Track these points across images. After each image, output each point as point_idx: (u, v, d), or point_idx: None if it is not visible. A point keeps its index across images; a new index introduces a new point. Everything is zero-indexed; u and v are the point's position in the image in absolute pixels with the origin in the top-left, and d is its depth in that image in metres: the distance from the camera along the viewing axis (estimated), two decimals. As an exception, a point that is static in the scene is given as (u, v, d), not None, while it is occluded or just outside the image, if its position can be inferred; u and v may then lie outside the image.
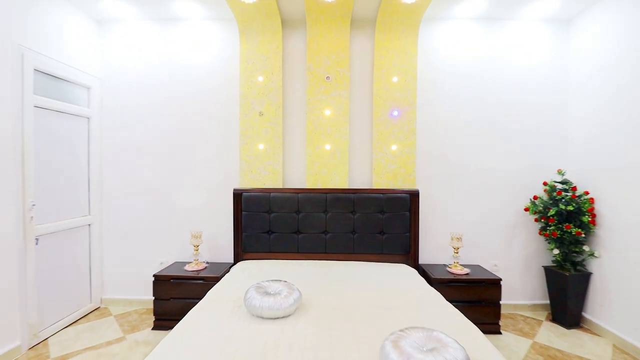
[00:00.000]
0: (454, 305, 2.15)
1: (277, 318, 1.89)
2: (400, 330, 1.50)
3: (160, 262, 3.27)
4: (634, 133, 2.52)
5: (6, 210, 2.33)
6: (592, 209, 2.87)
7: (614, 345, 2.62)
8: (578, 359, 2.43)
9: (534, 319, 3.10)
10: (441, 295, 2.28)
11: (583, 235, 2.83)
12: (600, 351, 2.54)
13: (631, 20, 2.56)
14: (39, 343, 2.58)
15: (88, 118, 3.15)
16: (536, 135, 3.21)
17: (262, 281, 2.15)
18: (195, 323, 1.83)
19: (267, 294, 1.98)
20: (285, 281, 2.15)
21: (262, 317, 1.89)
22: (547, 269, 3.09)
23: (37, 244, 2.58)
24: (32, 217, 2.51)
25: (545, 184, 3.08)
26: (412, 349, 1.35)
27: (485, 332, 2.70)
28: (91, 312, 3.18)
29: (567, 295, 2.91)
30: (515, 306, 3.24)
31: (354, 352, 1.53)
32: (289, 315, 1.92)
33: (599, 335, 2.78)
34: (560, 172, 3.05)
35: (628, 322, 2.57)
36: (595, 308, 2.88)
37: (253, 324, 1.82)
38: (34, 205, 2.52)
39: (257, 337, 1.67)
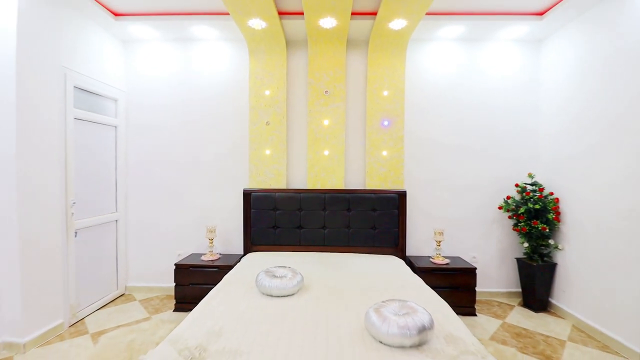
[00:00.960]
0: (435, 290, 2.53)
1: (284, 296, 2.26)
2: (382, 302, 1.88)
3: (178, 254, 3.66)
4: (592, 143, 2.89)
5: (53, 207, 2.72)
6: (557, 207, 3.25)
7: (573, 326, 3.00)
8: (539, 335, 2.81)
9: (507, 304, 3.48)
10: (422, 280, 2.66)
11: (548, 230, 3.21)
12: (560, 330, 2.92)
13: (591, 43, 2.93)
14: (77, 322, 2.97)
15: (115, 127, 3.54)
16: (511, 142, 3.59)
17: (270, 267, 2.53)
18: (216, 299, 2.21)
19: (274, 277, 2.36)
20: (290, 267, 2.53)
21: (271, 296, 2.27)
22: (519, 260, 3.47)
23: (75, 236, 2.97)
24: (72, 213, 2.90)
25: (517, 185, 3.46)
26: (389, 314, 1.73)
27: (462, 314, 3.13)
28: (117, 297, 3.56)
29: (535, 283, 3.29)
30: (492, 293, 3.62)
31: (344, 319, 1.91)
32: (293, 294, 2.30)
33: (562, 318, 3.16)
34: (530, 176, 3.43)
35: (585, 306, 2.94)
36: (560, 294, 3.26)
37: (264, 300, 2.20)
38: (74, 203, 2.92)
39: (267, 309, 2.05)
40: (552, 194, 3.28)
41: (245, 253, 3.47)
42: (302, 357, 1.53)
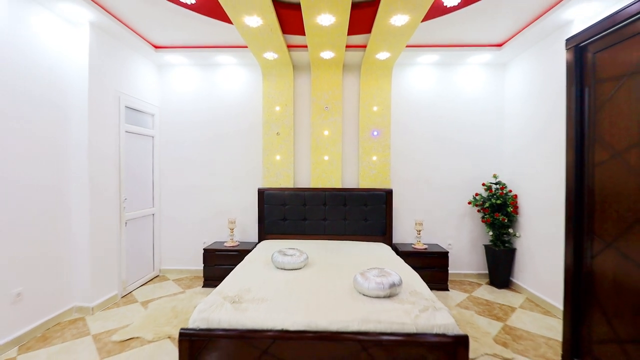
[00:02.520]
0: (415, 270, 3.17)
1: (293, 269, 2.91)
2: (366, 269, 2.53)
3: (203, 242, 4.32)
4: (540, 148, 3.53)
5: (112, 202, 3.39)
6: (515, 202, 3.89)
7: (527, 298, 3.63)
8: (496, 304, 3.45)
9: (476, 282, 4.12)
10: (402, 260, 3.30)
11: (507, 221, 3.85)
12: (515, 300, 3.56)
13: (535, 69, 3.58)
14: (126, 294, 3.63)
15: (152, 137, 4.20)
16: (479, 148, 4.23)
17: (282, 249, 3.18)
18: (241, 272, 2.86)
19: (286, 255, 3.00)
20: (298, 249, 3.18)
21: (284, 269, 2.91)
22: (486, 247, 4.11)
23: (125, 225, 3.64)
24: (124, 207, 3.57)
25: (483, 184, 4.10)
26: (370, 275, 2.37)
27: (437, 289, 3.77)
28: (154, 278, 4.22)
29: (498, 265, 3.93)
30: (465, 274, 4.26)
31: (339, 283, 2.56)
32: (301, 268, 2.95)
33: (519, 292, 3.80)
34: (494, 176, 4.07)
35: (536, 282, 3.57)
36: (518, 273, 3.89)
37: (278, 272, 2.84)
38: (125, 199, 3.58)
39: (281, 277, 2.70)
40: (510, 191, 3.92)
41: (260, 240, 4.12)
42: (308, 302, 2.18)
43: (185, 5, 2.81)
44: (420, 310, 2.05)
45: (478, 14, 3.01)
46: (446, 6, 2.77)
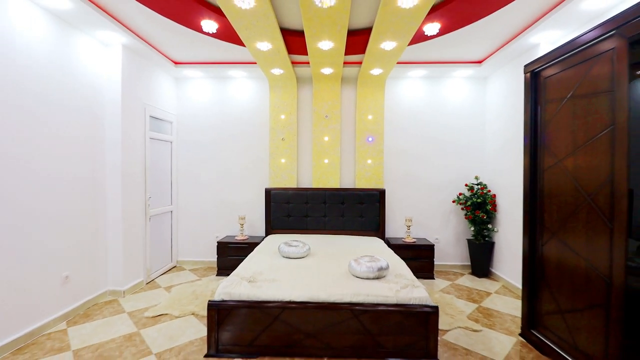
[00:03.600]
0: (405, 261, 3.61)
1: (297, 258, 3.36)
2: (359, 257, 2.98)
3: (216, 236, 4.77)
4: (511, 154, 3.98)
5: (139, 199, 3.85)
6: (494, 201, 4.34)
7: (503, 285, 4.08)
8: (475, 290, 3.90)
9: (460, 273, 4.57)
10: (392, 251, 3.75)
11: (486, 218, 4.30)
12: (492, 287, 4.01)
13: (508, 83, 4.02)
14: (150, 281, 4.09)
15: (170, 142, 4.66)
16: (463, 153, 4.68)
17: (287, 241, 3.63)
18: (253, 260, 3.31)
19: (291, 246, 3.45)
20: (301, 241, 3.63)
21: (289, 258, 3.36)
22: (468, 241, 4.56)
23: (149, 221, 4.10)
24: (149, 204, 4.03)
25: (466, 185, 4.55)
26: (362, 261, 2.82)
27: (424, 277, 4.21)
28: (171, 268, 4.68)
29: (479, 257, 4.38)
30: (450, 266, 4.70)
31: (336, 268, 3.00)
32: (304, 257, 3.39)
33: (496, 281, 4.25)
34: (476, 178, 4.51)
35: (510, 270, 4.02)
36: (496, 264, 4.34)
37: (285, 260, 3.29)
38: (150, 197, 4.05)
39: (287, 264, 3.14)
40: (489, 191, 4.37)
41: (267, 235, 4.57)
42: (309, 282, 2.63)
43: (206, 34, 3.26)
44: (401, 287, 2.51)
45: (456, 39, 3.46)
46: (427, 35, 3.22)
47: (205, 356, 2.39)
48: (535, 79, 2.66)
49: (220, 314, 2.38)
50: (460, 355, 2.47)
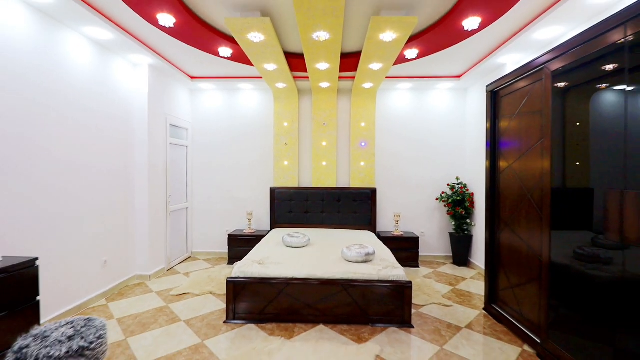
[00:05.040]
0: (392, 251, 4.15)
1: (299, 247, 3.90)
2: (351, 245, 3.51)
3: (226, 230, 5.32)
4: (483, 157, 4.50)
5: (161, 197, 4.40)
6: (472, 199, 4.87)
7: (478, 272, 4.61)
8: (453, 276, 4.43)
9: (443, 262, 5.11)
10: (381, 242, 4.29)
11: (465, 214, 4.83)
12: (468, 274, 4.54)
13: (481, 96, 4.55)
14: (170, 268, 4.65)
15: (186, 147, 5.22)
16: (446, 156, 5.21)
17: (290, 233, 4.17)
18: (260, 248, 3.85)
19: (293, 237, 3.99)
20: (302, 233, 4.17)
21: (292, 247, 3.90)
22: (450, 234, 5.09)
23: (169, 215, 4.65)
24: (169, 201, 4.58)
25: (448, 184, 5.08)
26: (353, 247, 3.36)
27: (409, 266, 4.75)
28: (187, 258, 5.23)
29: (459, 248, 4.91)
30: (434, 256, 5.24)
31: (332, 254, 3.54)
32: (304, 246, 3.93)
33: (473, 269, 4.78)
34: (457, 178, 5.05)
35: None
36: (474, 254, 4.87)
37: (287, 249, 3.83)
38: (170, 195, 4.60)
39: (290, 251, 3.68)
40: (468, 190, 4.91)
41: (272, 229, 5.12)
42: (309, 264, 3.17)
43: (222, 57, 3.80)
44: (383, 268, 3.05)
45: (434, 60, 4.00)
46: (407, 58, 3.76)
47: (225, 322, 2.94)
48: (494, 97, 3.20)
49: (236, 288, 2.93)
50: (431, 323, 3.01)
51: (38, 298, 2.12)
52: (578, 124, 2.24)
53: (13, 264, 1.97)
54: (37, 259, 2.12)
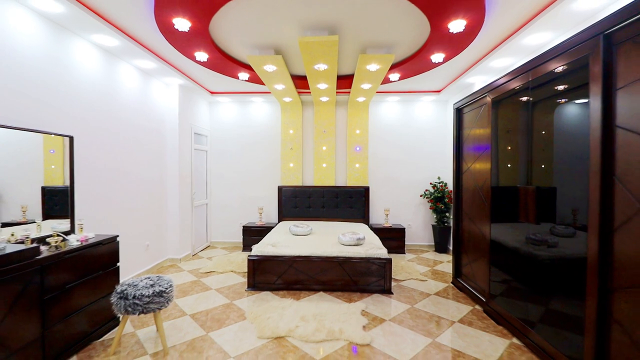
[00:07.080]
0: (382, 240, 4.94)
1: (303, 235, 4.69)
2: (346, 232, 4.31)
3: (240, 223, 6.13)
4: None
5: (188, 194, 5.22)
6: (450, 195, 5.65)
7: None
8: (433, 259, 5.22)
9: (426, 250, 5.89)
10: (372, 232, 5.08)
11: (444, 208, 5.62)
12: (445, 259, 5.32)
13: (460, 110, 5.34)
14: (195, 254, 5.46)
15: (206, 151, 6.03)
16: (430, 158, 5.99)
17: (295, 224, 4.96)
18: (272, 236, 4.65)
19: (298, 227, 4.78)
20: (305, 224, 4.96)
21: (297, 235, 4.70)
22: (433, 226, 5.87)
23: (194, 209, 5.46)
24: (193, 198, 5.40)
25: (431, 183, 5.87)
26: (347, 233, 4.15)
27: (397, 252, 5.55)
28: (206, 247, 6.04)
29: (440, 238, 5.70)
30: (420, 245, 6.03)
31: (330, 240, 4.34)
32: (308, 235, 4.73)
33: (450, 255, 5.54)
34: (438, 178, 5.83)
35: (461, 247, 5.33)
36: (451, 242, 5.64)
37: (293, 237, 4.63)
38: (195, 192, 5.42)
39: (296, 238, 4.48)
40: (447, 188, 5.70)
41: (279, 221, 5.92)
42: (311, 246, 3.97)
43: (241, 80, 4.61)
44: (370, 249, 3.85)
45: (414, 80, 4.78)
46: (392, 80, 4.55)
47: (246, 290, 3.75)
48: (459, 113, 3.99)
49: (255, 264, 3.73)
50: (407, 292, 3.80)
51: (118, 264, 2.93)
52: (508, 131, 3.03)
53: (103, 238, 2.78)
54: (117, 236, 2.93)
